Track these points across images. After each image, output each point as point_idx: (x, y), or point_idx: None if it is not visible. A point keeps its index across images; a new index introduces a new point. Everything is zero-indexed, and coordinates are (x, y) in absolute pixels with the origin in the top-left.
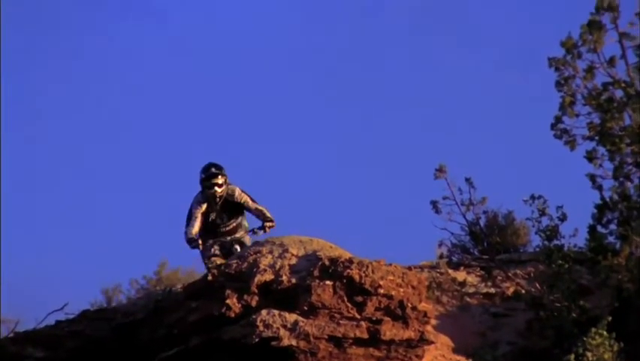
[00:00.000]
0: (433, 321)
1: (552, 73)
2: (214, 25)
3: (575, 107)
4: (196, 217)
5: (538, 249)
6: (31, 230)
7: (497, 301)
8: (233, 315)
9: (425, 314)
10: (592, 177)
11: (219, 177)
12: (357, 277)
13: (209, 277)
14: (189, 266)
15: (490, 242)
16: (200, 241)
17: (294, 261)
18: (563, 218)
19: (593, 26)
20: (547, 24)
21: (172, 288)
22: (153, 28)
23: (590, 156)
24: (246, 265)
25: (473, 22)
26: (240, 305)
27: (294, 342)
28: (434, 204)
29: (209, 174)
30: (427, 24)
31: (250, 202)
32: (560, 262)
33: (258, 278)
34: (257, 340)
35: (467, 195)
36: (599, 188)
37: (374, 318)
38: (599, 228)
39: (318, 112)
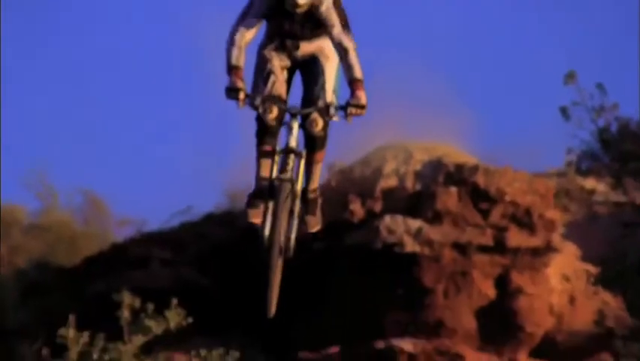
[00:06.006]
0: (560, 229)
1: None
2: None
3: None
4: (250, 24)
5: None
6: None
7: (627, 210)
8: (356, 221)
9: (552, 222)
10: None
11: None
12: (482, 184)
13: (333, 183)
14: None
15: (621, 150)
16: (240, 86)
17: (418, 167)
18: None
19: None
20: None
21: None
22: None
23: None
24: (369, 170)
25: None
26: (363, 211)
27: (418, 249)
28: (563, 110)
29: None
30: None
31: (336, 26)
32: None
33: (382, 184)
34: (380, 246)
35: (598, 101)
36: None
37: (499, 225)
38: None
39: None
